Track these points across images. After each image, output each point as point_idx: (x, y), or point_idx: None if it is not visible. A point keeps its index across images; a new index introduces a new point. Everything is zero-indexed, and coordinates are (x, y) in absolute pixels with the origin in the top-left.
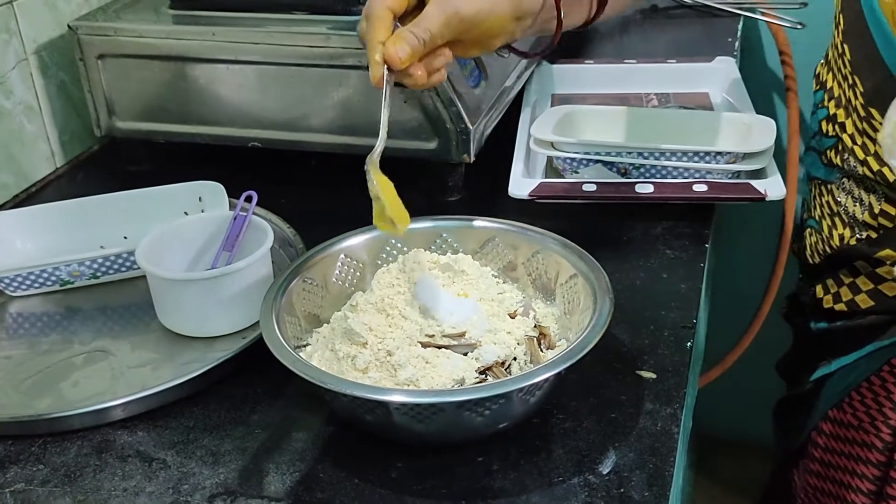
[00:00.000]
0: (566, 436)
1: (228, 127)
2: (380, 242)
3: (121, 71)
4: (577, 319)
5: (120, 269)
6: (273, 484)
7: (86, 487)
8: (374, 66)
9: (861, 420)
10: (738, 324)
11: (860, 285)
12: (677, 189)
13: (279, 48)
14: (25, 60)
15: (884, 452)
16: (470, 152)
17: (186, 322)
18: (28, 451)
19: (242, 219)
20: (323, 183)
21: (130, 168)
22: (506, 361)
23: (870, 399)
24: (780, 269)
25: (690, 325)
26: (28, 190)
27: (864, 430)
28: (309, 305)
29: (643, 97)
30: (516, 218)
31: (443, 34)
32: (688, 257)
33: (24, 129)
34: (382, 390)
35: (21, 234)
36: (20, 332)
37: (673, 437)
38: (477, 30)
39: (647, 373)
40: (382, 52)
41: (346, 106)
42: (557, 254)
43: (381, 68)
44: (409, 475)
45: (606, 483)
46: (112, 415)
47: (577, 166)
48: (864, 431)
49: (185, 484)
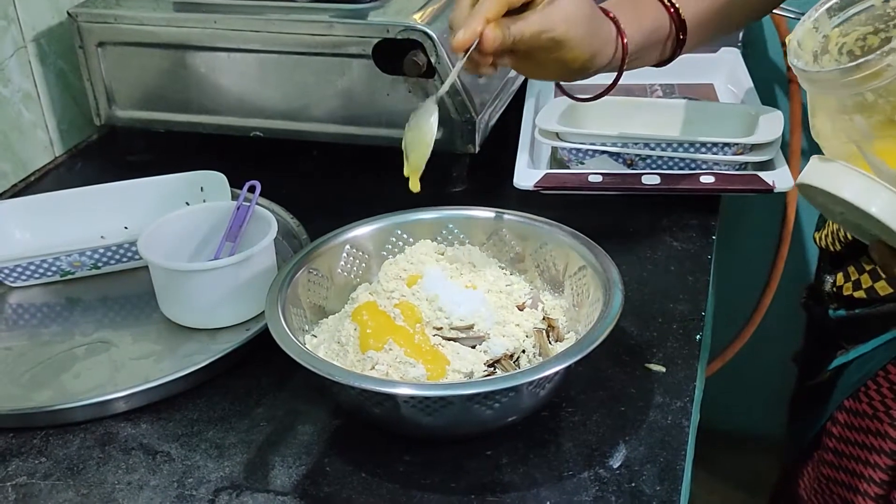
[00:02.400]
0: (575, 429)
1: (229, 116)
2: (385, 233)
3: (120, 59)
4: (586, 312)
5: (121, 260)
6: (279, 478)
7: (89, 481)
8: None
9: (876, 409)
10: (739, 316)
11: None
12: (684, 180)
13: (281, 36)
14: (24, 48)
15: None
16: (475, 143)
17: (189, 313)
18: (30, 443)
19: (245, 209)
20: (325, 173)
21: (130, 157)
22: (514, 354)
23: (886, 388)
24: (780, 261)
25: (699, 318)
26: (27, 179)
27: (879, 419)
28: (314, 297)
29: (647, 88)
30: (520, 209)
31: (527, 43)
32: (695, 249)
33: (23, 117)
34: (390, 383)
35: (20, 224)
36: (20, 323)
37: (684, 431)
38: (554, 54)
39: (656, 366)
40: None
41: (348, 95)
42: (566, 245)
43: (474, 40)
44: (417, 469)
45: (617, 477)
46: (115, 407)
47: (583, 157)
48: (878, 420)
49: (190, 477)
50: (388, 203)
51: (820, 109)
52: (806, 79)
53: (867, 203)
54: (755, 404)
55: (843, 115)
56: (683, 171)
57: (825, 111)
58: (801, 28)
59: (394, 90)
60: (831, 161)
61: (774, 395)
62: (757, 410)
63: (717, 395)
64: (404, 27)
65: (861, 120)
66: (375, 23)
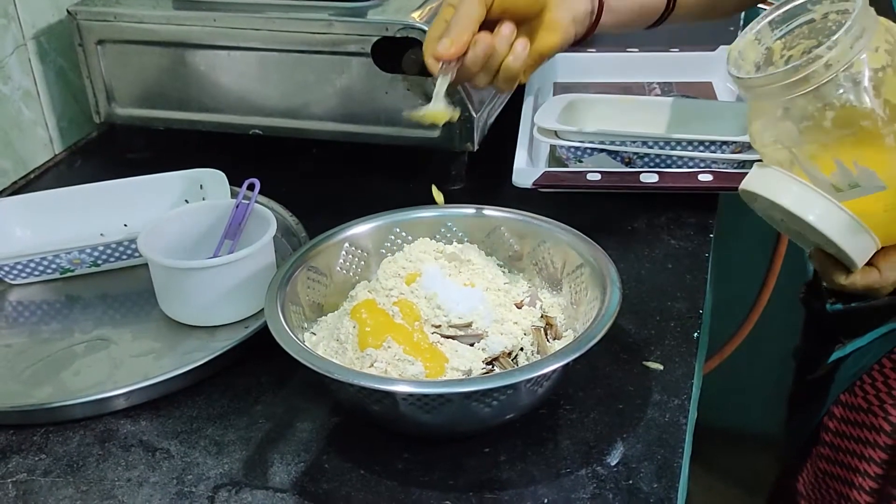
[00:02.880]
0: (573, 427)
1: (229, 114)
2: (384, 231)
3: (120, 57)
4: (584, 310)
5: (121, 257)
6: (278, 475)
7: (89, 478)
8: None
9: (871, 403)
10: (737, 314)
11: None
12: (682, 178)
13: (280, 34)
14: (24, 46)
15: (892, 436)
16: (473, 141)
17: (188, 311)
18: (30, 440)
19: (245, 207)
20: (324, 171)
21: (129, 155)
22: (512, 352)
23: (880, 382)
24: (778, 259)
25: (697, 316)
26: (27, 177)
27: (873, 412)
28: (313, 294)
29: (646, 86)
30: (519, 207)
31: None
32: (692, 247)
33: (23, 115)
34: (389, 380)
35: (20, 222)
36: (20, 320)
37: (681, 429)
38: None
39: (654, 364)
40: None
41: (347, 93)
42: (564, 243)
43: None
44: (416, 466)
45: (615, 474)
46: (114, 404)
47: (581, 155)
48: (872, 414)
49: (190, 474)
50: (387, 201)
51: (756, 116)
52: (742, 86)
53: (804, 211)
54: (753, 401)
55: (777, 121)
56: (682, 169)
57: (761, 118)
58: (743, 40)
59: (392, 88)
60: (771, 168)
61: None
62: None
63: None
64: (403, 25)
65: (792, 126)
66: (374, 21)
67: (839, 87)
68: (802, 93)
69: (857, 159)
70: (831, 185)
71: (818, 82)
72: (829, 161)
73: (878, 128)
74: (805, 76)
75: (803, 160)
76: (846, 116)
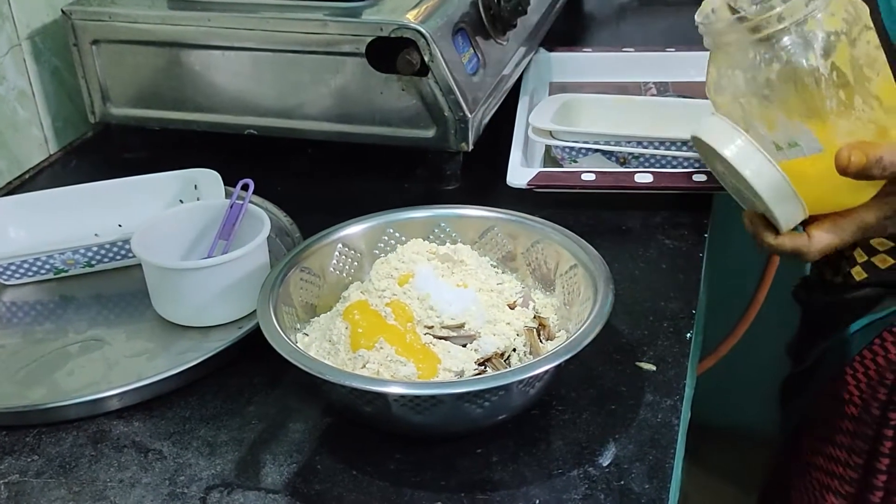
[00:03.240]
0: (565, 427)
1: (224, 114)
2: (377, 232)
3: (115, 57)
4: (576, 310)
5: (115, 258)
6: (270, 475)
7: (81, 479)
8: None
9: (852, 394)
10: (732, 313)
11: (856, 257)
12: (677, 179)
13: (275, 34)
14: (18, 46)
15: (872, 426)
16: (468, 141)
17: (182, 311)
18: (22, 441)
19: (239, 207)
20: (319, 171)
21: (125, 155)
22: (505, 352)
23: (861, 373)
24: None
25: (690, 316)
26: (21, 177)
27: (854, 403)
28: (306, 295)
29: (641, 86)
30: (513, 207)
31: None
32: (687, 247)
33: (17, 114)
34: (381, 381)
35: (14, 222)
36: (14, 321)
37: (673, 429)
38: None
39: (646, 365)
40: None
41: (342, 93)
42: (557, 244)
43: None
44: (408, 467)
45: (606, 475)
46: (107, 405)
47: (576, 155)
48: (853, 406)
49: (182, 475)
50: (381, 201)
51: (714, 66)
52: (702, 32)
53: (741, 164)
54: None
55: (729, 71)
56: (676, 169)
57: (718, 68)
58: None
59: (387, 88)
60: (721, 119)
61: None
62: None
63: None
64: (398, 25)
65: (741, 76)
66: (369, 21)
67: (789, 42)
68: (752, 41)
69: (798, 118)
70: (772, 143)
71: (768, 32)
72: (773, 118)
73: (821, 90)
74: (756, 24)
75: (749, 114)
76: (791, 72)
